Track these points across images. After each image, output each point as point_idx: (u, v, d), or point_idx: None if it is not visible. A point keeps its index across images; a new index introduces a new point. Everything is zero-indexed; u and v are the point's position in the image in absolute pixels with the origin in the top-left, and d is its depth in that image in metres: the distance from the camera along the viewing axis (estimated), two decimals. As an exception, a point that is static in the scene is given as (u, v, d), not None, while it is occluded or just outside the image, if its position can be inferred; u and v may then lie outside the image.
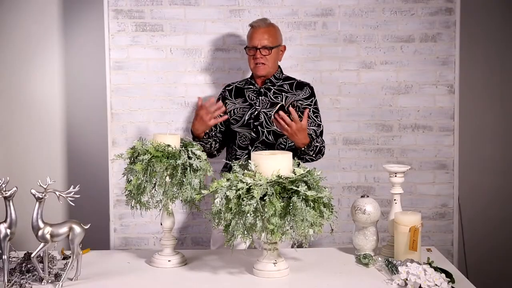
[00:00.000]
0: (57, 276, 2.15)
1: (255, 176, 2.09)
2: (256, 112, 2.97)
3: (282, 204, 2.03)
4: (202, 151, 2.38)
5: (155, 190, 2.28)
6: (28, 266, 2.22)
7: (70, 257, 2.21)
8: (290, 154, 2.19)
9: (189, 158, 2.30)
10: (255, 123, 2.96)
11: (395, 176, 2.44)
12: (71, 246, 2.12)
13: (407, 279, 2.08)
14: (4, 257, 2.08)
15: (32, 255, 2.07)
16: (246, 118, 2.98)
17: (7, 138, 3.88)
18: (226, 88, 3.12)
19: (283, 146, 2.96)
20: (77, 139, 3.91)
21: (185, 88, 3.48)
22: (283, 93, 2.99)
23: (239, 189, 2.05)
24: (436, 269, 2.15)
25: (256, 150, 2.89)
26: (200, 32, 3.46)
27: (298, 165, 2.21)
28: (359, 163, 3.52)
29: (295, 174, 2.11)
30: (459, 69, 3.49)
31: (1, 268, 2.10)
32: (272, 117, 2.80)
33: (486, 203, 3.91)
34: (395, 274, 2.17)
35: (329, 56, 3.48)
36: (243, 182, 2.06)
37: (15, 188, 2.10)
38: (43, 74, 3.87)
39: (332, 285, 2.14)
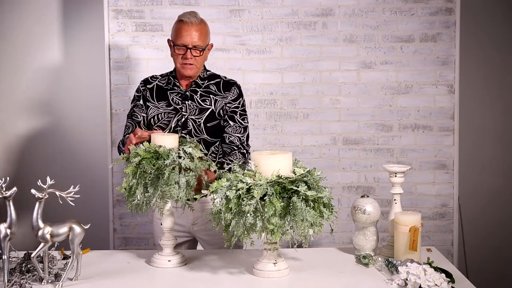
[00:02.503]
0: (57, 276, 2.15)
1: (255, 176, 2.09)
2: (184, 118, 2.69)
3: (282, 204, 2.03)
4: (196, 147, 2.38)
5: (147, 191, 2.28)
6: (28, 266, 2.22)
7: (70, 257, 2.21)
8: (290, 154, 2.19)
9: (179, 157, 2.29)
10: (183, 131, 2.68)
11: (395, 176, 2.44)
12: (71, 246, 2.12)
13: (407, 279, 2.08)
14: (4, 257, 2.08)
15: (32, 255, 2.07)
16: (173, 126, 2.69)
17: (7, 138, 3.88)
18: (147, 86, 2.76)
19: (214, 155, 2.73)
20: (77, 139, 3.91)
21: (185, 88, 3.48)
22: (211, 96, 2.71)
23: (239, 189, 2.05)
24: (436, 269, 2.15)
25: None
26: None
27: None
28: (359, 163, 3.52)
29: (295, 174, 2.11)
30: (459, 69, 3.49)
31: (1, 268, 2.10)
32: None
33: (486, 203, 3.90)
34: (395, 274, 2.17)
35: (329, 56, 3.48)
36: (243, 182, 2.06)
37: (15, 188, 2.10)
38: (43, 74, 3.87)
39: (332, 285, 2.14)
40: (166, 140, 2.35)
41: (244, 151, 2.71)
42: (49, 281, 2.13)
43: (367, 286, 2.13)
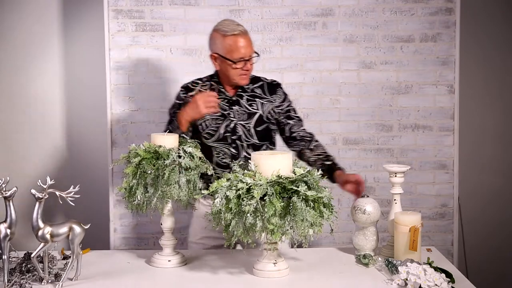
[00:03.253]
0: (57, 276, 2.15)
1: (255, 176, 2.09)
2: (232, 124, 2.69)
3: (282, 204, 2.03)
4: (196, 147, 2.38)
5: (147, 191, 2.28)
6: (28, 266, 2.22)
7: (70, 257, 2.21)
8: (290, 154, 2.19)
9: (179, 157, 2.29)
10: (233, 137, 2.68)
11: (395, 176, 2.44)
12: (71, 246, 2.12)
13: (407, 279, 2.08)
14: (4, 257, 2.08)
15: (32, 255, 2.07)
16: (222, 132, 2.68)
17: (7, 138, 3.88)
18: (189, 94, 2.72)
19: None
20: (77, 139, 3.91)
21: (185, 88, 3.48)
22: (257, 99, 2.71)
23: (239, 189, 2.05)
24: (436, 269, 2.15)
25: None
26: (200, 32, 3.45)
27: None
28: (359, 163, 3.52)
29: (295, 174, 2.11)
30: (459, 69, 3.49)
31: (1, 268, 2.10)
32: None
33: (486, 203, 3.90)
34: (395, 274, 2.17)
35: (329, 56, 3.48)
36: (243, 182, 2.06)
37: (15, 188, 2.10)
38: (43, 74, 3.87)
39: (332, 285, 2.14)
40: (166, 140, 2.35)
41: (315, 138, 2.75)
42: (49, 281, 2.13)
43: (367, 286, 2.13)
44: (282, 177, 2.08)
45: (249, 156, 2.62)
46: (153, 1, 3.44)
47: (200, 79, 2.79)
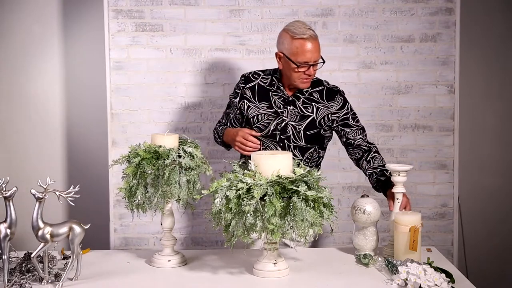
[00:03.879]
0: (57, 276, 2.15)
1: (255, 176, 2.09)
2: (284, 123, 2.69)
3: (282, 204, 2.03)
4: (196, 147, 2.38)
5: (147, 191, 2.29)
6: (28, 266, 2.22)
7: (70, 257, 2.21)
8: (290, 154, 2.19)
9: (179, 157, 2.30)
10: (281, 136, 2.69)
11: (399, 175, 2.43)
12: (71, 246, 2.12)
13: (407, 279, 2.08)
14: (4, 257, 2.08)
15: (32, 255, 2.07)
16: (272, 128, 2.69)
17: (7, 138, 3.88)
18: (248, 85, 2.77)
19: (307, 161, 2.74)
20: (77, 139, 3.91)
21: (185, 88, 3.48)
22: (313, 103, 2.70)
23: (239, 189, 2.05)
24: (436, 269, 2.15)
25: None
26: (200, 32, 3.46)
27: (298, 165, 2.21)
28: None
29: (295, 174, 2.11)
30: (459, 69, 3.49)
31: (1, 268, 2.10)
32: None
33: (486, 203, 3.91)
34: (395, 274, 2.17)
35: (329, 56, 3.47)
36: (243, 182, 2.06)
37: (15, 188, 2.10)
38: (43, 74, 3.88)
39: (332, 285, 2.14)
40: (166, 140, 2.35)
41: (376, 148, 2.73)
42: (49, 281, 2.13)
43: (367, 286, 2.13)
44: (282, 177, 2.08)
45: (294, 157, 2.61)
46: (153, 1, 3.44)
47: (263, 71, 2.81)
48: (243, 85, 2.78)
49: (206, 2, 3.45)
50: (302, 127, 2.69)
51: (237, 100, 2.78)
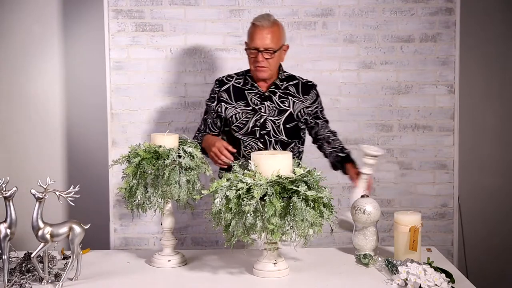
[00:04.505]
0: (57, 276, 2.15)
1: (255, 176, 2.09)
2: (262, 119, 2.75)
3: (282, 204, 2.03)
4: (196, 147, 2.38)
5: (147, 191, 2.29)
6: (28, 266, 2.22)
7: (70, 257, 2.21)
8: (290, 154, 2.19)
9: (180, 157, 2.30)
10: (261, 132, 2.75)
11: (371, 158, 2.46)
12: (71, 246, 2.12)
13: (407, 279, 2.08)
14: (4, 257, 2.08)
15: (32, 255, 2.07)
16: (251, 126, 2.75)
17: (7, 138, 3.88)
18: (223, 88, 2.82)
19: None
20: (77, 139, 3.91)
21: (185, 88, 3.48)
22: (289, 97, 2.77)
23: (239, 189, 2.05)
24: (436, 269, 2.15)
25: None
26: (200, 32, 3.46)
27: (298, 165, 2.21)
28: (359, 163, 3.51)
29: (295, 174, 2.11)
30: (459, 69, 3.49)
31: (1, 268, 2.10)
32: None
33: (486, 203, 3.91)
34: (395, 274, 2.17)
35: (329, 56, 3.48)
36: (243, 182, 2.06)
37: (15, 188, 2.10)
38: (43, 74, 3.88)
39: (332, 285, 2.14)
40: (166, 140, 2.35)
41: (336, 134, 2.86)
42: (49, 281, 2.13)
43: (367, 286, 2.13)
44: (282, 177, 2.08)
45: None
46: (153, 1, 3.44)
47: (236, 73, 2.88)
48: (218, 88, 2.83)
49: (206, 2, 3.45)
50: (281, 121, 2.74)
51: (214, 104, 2.82)
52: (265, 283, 2.15)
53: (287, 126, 2.75)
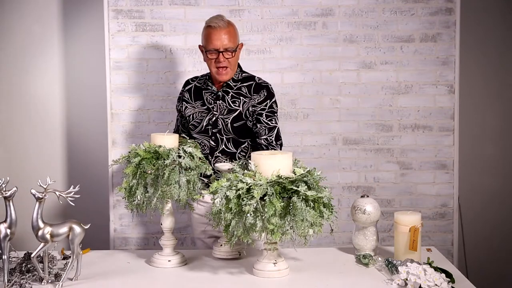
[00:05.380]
0: (57, 276, 2.15)
1: (255, 176, 2.09)
2: (214, 118, 2.77)
3: (282, 204, 2.03)
4: (196, 147, 2.39)
5: (147, 191, 2.29)
6: (28, 266, 2.22)
7: (70, 257, 2.21)
8: (290, 154, 2.19)
9: (179, 157, 2.30)
10: (213, 130, 2.78)
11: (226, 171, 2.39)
12: (71, 246, 2.12)
13: (407, 279, 2.08)
14: (4, 257, 2.08)
15: (32, 255, 2.07)
16: (204, 124, 2.79)
17: (7, 138, 3.88)
18: (186, 88, 2.90)
19: (244, 154, 2.80)
20: (77, 139, 3.91)
21: (185, 88, 3.48)
22: (241, 97, 2.77)
23: (239, 189, 2.05)
24: (436, 269, 2.15)
25: (217, 161, 2.75)
26: (200, 32, 3.45)
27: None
28: (359, 163, 3.52)
29: (295, 174, 2.11)
30: (459, 69, 3.49)
31: (1, 268, 2.10)
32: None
33: (486, 203, 3.90)
34: (395, 274, 2.17)
35: (329, 56, 3.48)
36: (243, 182, 2.06)
37: (15, 188, 2.10)
38: (43, 74, 3.87)
39: (332, 285, 2.14)
40: (166, 140, 2.35)
41: (273, 149, 2.78)
42: (49, 281, 2.13)
43: (367, 286, 2.13)
44: (282, 177, 2.08)
45: (228, 150, 2.77)
46: (153, 1, 3.44)
47: (202, 75, 2.92)
48: (183, 89, 2.91)
49: (206, 2, 3.45)
50: (229, 120, 2.76)
51: (178, 103, 2.91)
52: (265, 283, 2.15)
53: (234, 125, 2.76)
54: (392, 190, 3.50)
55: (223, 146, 2.77)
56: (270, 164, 2.12)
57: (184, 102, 2.87)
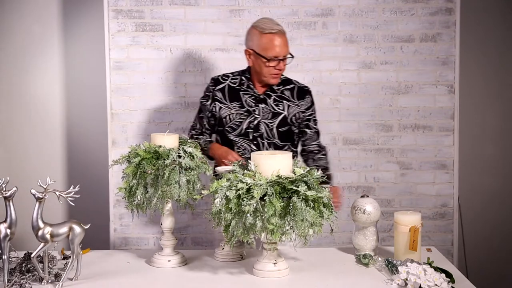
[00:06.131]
0: (57, 276, 2.15)
1: (255, 176, 2.09)
2: (256, 121, 2.76)
3: (282, 204, 2.03)
4: (196, 147, 2.38)
5: (147, 191, 2.28)
6: (28, 266, 2.22)
7: (70, 257, 2.21)
8: (290, 154, 2.19)
9: (180, 157, 2.30)
10: (254, 134, 2.76)
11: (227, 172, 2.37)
12: (71, 246, 2.12)
13: (407, 279, 2.08)
14: (4, 257, 2.08)
15: (32, 255, 2.07)
16: (244, 127, 2.76)
17: (7, 138, 3.88)
18: (217, 87, 2.82)
19: None
20: (77, 139, 3.91)
21: (185, 88, 3.48)
22: (284, 101, 2.78)
23: (239, 189, 2.05)
24: (436, 269, 2.15)
25: None
26: (200, 32, 3.46)
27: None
28: (359, 163, 3.52)
29: (295, 174, 2.11)
30: (459, 69, 3.49)
31: (1, 268, 2.10)
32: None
33: (486, 203, 3.91)
34: (395, 274, 2.17)
35: (329, 56, 3.48)
36: (243, 182, 2.06)
37: (15, 188, 2.10)
38: (43, 74, 3.87)
39: (332, 285, 2.14)
40: (166, 140, 2.35)
41: (324, 152, 2.89)
42: (49, 281, 2.13)
43: (367, 286, 2.13)
44: (282, 177, 2.08)
45: None
46: (153, 1, 3.44)
47: (231, 73, 2.87)
48: (213, 87, 2.83)
49: (206, 2, 3.45)
50: (274, 124, 2.75)
51: (209, 103, 2.82)
52: (265, 283, 2.15)
53: (280, 129, 2.76)
54: (392, 190, 3.50)
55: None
56: (270, 164, 2.12)
57: (217, 102, 2.79)
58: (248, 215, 2.03)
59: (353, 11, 3.46)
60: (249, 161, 2.18)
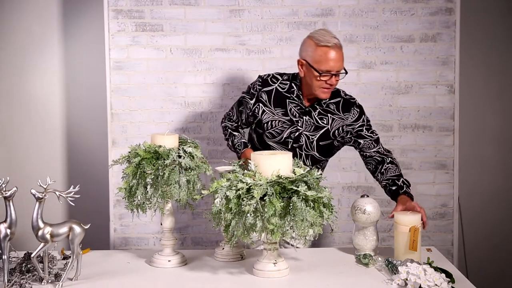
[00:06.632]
0: (57, 276, 2.15)
1: (255, 176, 2.09)
2: (298, 132, 2.68)
3: (282, 204, 2.03)
4: (196, 147, 2.38)
5: (147, 191, 2.29)
6: (28, 266, 2.22)
7: (70, 257, 2.21)
8: (290, 154, 2.19)
9: (179, 157, 2.30)
10: (294, 145, 2.69)
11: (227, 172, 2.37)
12: (71, 246, 2.12)
13: (407, 279, 2.08)
14: (4, 257, 2.08)
15: (32, 255, 2.07)
16: (285, 136, 2.69)
17: (7, 138, 3.88)
18: (265, 88, 2.73)
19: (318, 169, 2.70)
20: (77, 139, 3.91)
21: (185, 88, 3.48)
22: (329, 114, 2.68)
23: (239, 189, 2.05)
24: (436, 269, 2.15)
25: None
26: (200, 32, 3.46)
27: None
28: (359, 163, 3.50)
29: (295, 174, 2.11)
30: (459, 69, 3.49)
31: (1, 268, 2.10)
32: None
33: (486, 203, 3.91)
34: (395, 274, 2.17)
35: (329, 56, 3.47)
36: (243, 182, 2.06)
37: (15, 188, 2.10)
38: (43, 74, 3.87)
39: (332, 285, 2.14)
40: (166, 140, 2.35)
41: (390, 158, 2.69)
42: (49, 281, 2.13)
43: (367, 286, 2.13)
44: (282, 177, 2.08)
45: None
46: (153, 1, 3.44)
47: (280, 74, 2.78)
48: (260, 87, 2.73)
49: (206, 2, 3.45)
50: (315, 137, 2.68)
51: (252, 101, 2.74)
52: (265, 283, 2.15)
53: (320, 143, 2.69)
54: (392, 190, 3.49)
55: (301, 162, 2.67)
56: (270, 164, 2.12)
57: (261, 104, 2.72)
58: (248, 215, 2.03)
59: (353, 11, 3.46)
60: (249, 161, 2.19)
